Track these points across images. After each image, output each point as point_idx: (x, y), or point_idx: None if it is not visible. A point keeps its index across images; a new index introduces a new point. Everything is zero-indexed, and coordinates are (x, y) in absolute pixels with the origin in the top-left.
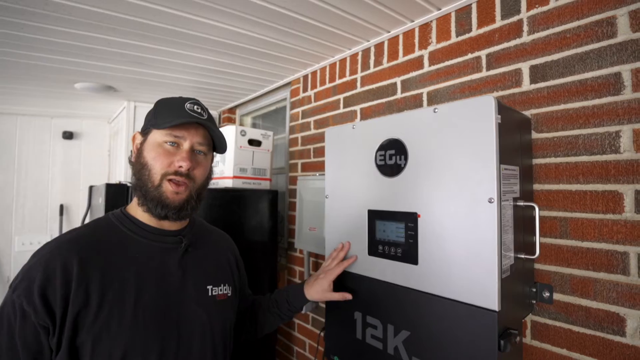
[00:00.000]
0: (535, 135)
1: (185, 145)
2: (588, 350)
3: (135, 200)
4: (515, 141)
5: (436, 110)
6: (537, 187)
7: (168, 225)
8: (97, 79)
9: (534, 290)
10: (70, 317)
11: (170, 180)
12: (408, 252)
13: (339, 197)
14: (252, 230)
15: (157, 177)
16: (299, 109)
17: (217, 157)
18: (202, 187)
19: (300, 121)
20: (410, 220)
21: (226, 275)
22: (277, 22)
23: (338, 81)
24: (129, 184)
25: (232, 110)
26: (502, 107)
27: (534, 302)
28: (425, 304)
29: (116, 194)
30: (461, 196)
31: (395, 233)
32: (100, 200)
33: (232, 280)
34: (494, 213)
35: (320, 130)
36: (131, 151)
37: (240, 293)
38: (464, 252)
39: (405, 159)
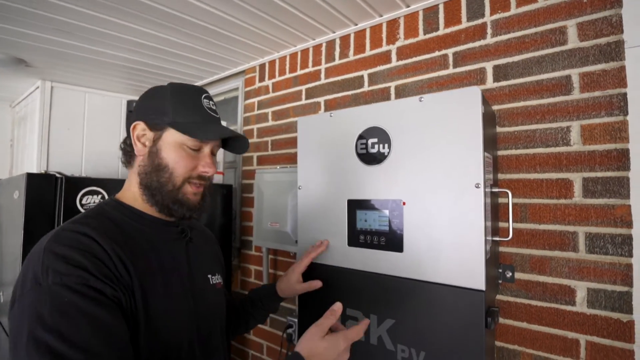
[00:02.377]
0: (498, 129)
1: (207, 149)
2: (545, 321)
3: (134, 192)
4: (490, 132)
5: (422, 99)
6: (500, 176)
7: (166, 216)
8: (3, 48)
9: (500, 271)
10: (128, 294)
11: (191, 183)
12: (392, 241)
13: (314, 188)
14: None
15: (179, 180)
16: (255, 99)
17: None
18: (212, 184)
19: (256, 112)
20: (395, 208)
21: (218, 266)
22: None
23: (300, 72)
24: (58, 175)
25: None
26: (483, 99)
27: (500, 282)
28: (411, 290)
29: (42, 187)
30: (447, 182)
31: (378, 222)
32: (15, 195)
33: (221, 271)
34: (480, 198)
35: (279, 122)
36: (128, 141)
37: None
38: (451, 236)
39: (389, 147)
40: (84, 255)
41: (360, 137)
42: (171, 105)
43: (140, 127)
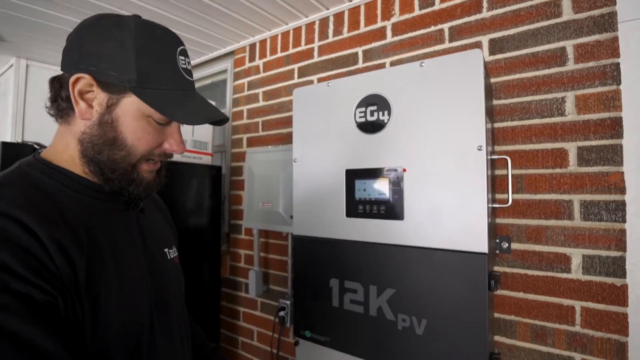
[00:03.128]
0: (495, 101)
1: (176, 124)
2: (540, 289)
3: (71, 155)
4: (488, 104)
5: (422, 64)
6: (497, 148)
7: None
8: None
9: (497, 241)
10: (71, 283)
11: (148, 160)
12: (393, 209)
13: (310, 161)
14: (191, 211)
15: (136, 158)
16: (244, 80)
17: None
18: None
19: (246, 93)
20: (395, 176)
21: (173, 238)
22: None
23: (292, 50)
24: (36, 146)
25: None
26: (484, 62)
27: (497, 252)
28: (412, 258)
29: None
30: (449, 146)
31: (377, 191)
32: None
33: (176, 242)
34: (482, 160)
35: (270, 102)
36: (63, 94)
37: None
38: (453, 201)
39: (389, 114)
40: (2, 246)
41: (359, 105)
42: (135, 59)
43: (85, 81)
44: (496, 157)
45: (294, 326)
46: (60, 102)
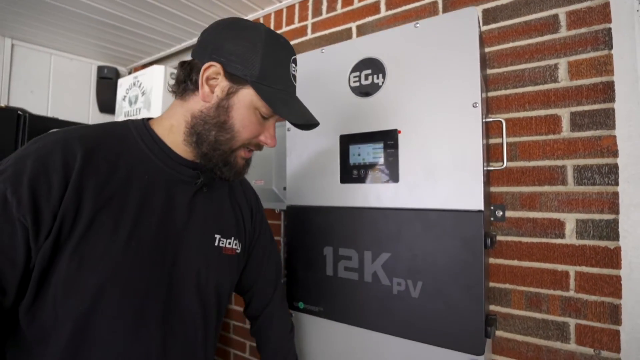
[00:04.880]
0: (488, 71)
1: (273, 120)
2: (535, 256)
3: (173, 126)
4: (483, 72)
5: (417, 25)
6: (491, 117)
7: (191, 156)
8: None
9: (492, 208)
10: (57, 225)
11: (246, 147)
12: (388, 171)
13: None
14: None
15: (237, 144)
16: None
17: (140, 101)
18: None
19: None
20: (389, 138)
21: (239, 230)
22: None
23: (285, 28)
24: (20, 112)
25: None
26: (479, 22)
27: (491, 220)
28: (407, 221)
29: (1, 122)
30: (444, 105)
31: (372, 155)
32: None
33: (243, 238)
34: (478, 117)
35: None
36: (193, 77)
37: (249, 260)
38: (448, 160)
39: (384, 76)
40: (36, 165)
41: (353, 70)
42: (261, 59)
43: (214, 69)
44: (491, 119)
45: (288, 298)
46: (189, 84)
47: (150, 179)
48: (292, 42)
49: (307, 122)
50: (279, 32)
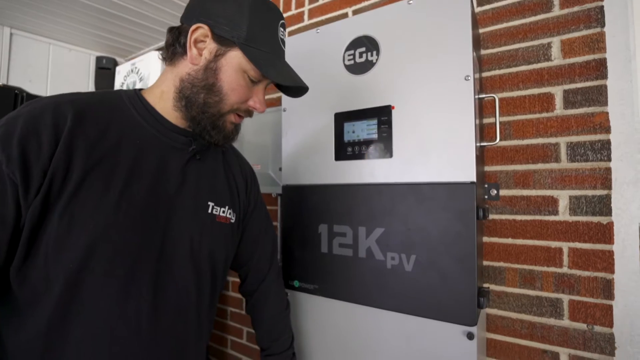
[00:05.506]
0: (482, 51)
1: (264, 84)
2: (529, 234)
3: (164, 92)
4: (477, 53)
5: (410, 2)
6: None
7: (182, 123)
8: None
9: (486, 186)
10: (47, 183)
11: (235, 112)
12: (382, 147)
13: (299, 109)
14: None
15: (226, 108)
16: None
17: (138, 87)
18: None
19: None
20: (383, 114)
21: (233, 200)
22: None
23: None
24: (17, 92)
25: None
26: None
27: (485, 198)
28: (401, 195)
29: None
30: (437, 79)
31: (366, 131)
32: None
33: (237, 208)
34: (470, 90)
35: None
36: (182, 40)
37: (244, 234)
38: (441, 133)
39: (377, 54)
40: (27, 125)
41: (348, 48)
42: (248, 21)
43: (202, 32)
44: (484, 96)
45: (283, 277)
46: (177, 47)
47: (142, 144)
48: (289, 29)
49: (295, 84)
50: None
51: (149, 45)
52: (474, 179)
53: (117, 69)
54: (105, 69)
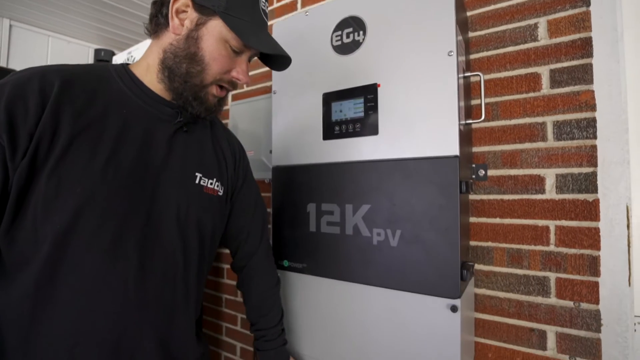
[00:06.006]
0: (470, 34)
1: (246, 55)
2: (516, 213)
3: (151, 66)
4: (464, 36)
5: None
6: (473, 79)
7: (167, 95)
8: None
9: (473, 166)
10: (33, 145)
11: (218, 84)
12: (368, 125)
13: (289, 91)
14: None
15: (208, 79)
16: None
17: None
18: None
19: None
20: (369, 92)
21: (221, 173)
22: None
23: (276, 5)
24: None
25: None
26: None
27: (473, 177)
28: (386, 171)
29: None
30: (421, 56)
31: (353, 110)
32: None
33: (225, 182)
34: (453, 65)
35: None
36: (164, 11)
37: (234, 209)
38: (426, 108)
39: (364, 33)
40: (14, 90)
41: (336, 29)
42: None
43: (183, 1)
44: (469, 74)
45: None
46: (160, 18)
47: (128, 114)
48: (282, 18)
49: (276, 52)
50: (270, 8)
51: (146, 37)
52: (457, 153)
53: (114, 58)
54: (103, 62)
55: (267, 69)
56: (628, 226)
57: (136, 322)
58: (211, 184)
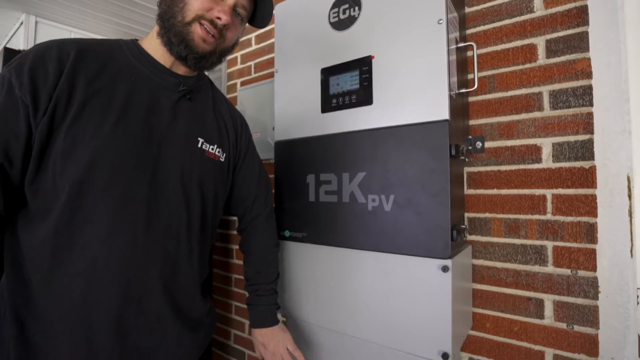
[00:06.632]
0: (467, 9)
1: (231, 0)
2: (513, 183)
3: (154, 31)
4: (460, 12)
5: None
6: (469, 54)
7: (176, 67)
8: None
9: (470, 138)
10: (52, 105)
11: (202, 24)
12: (363, 95)
13: (290, 68)
14: None
15: (190, 14)
16: None
17: None
18: (227, 50)
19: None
20: (364, 64)
21: (222, 140)
22: None
23: None
24: None
25: None
26: None
27: (469, 148)
28: (380, 139)
29: None
30: (413, 26)
31: (349, 82)
32: None
33: (227, 149)
34: (443, 32)
35: (262, 45)
36: None
37: (239, 177)
38: (417, 76)
39: (359, 8)
40: (35, 58)
41: (333, 7)
42: None
43: None
44: (462, 44)
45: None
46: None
47: (136, 82)
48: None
49: None
50: None
51: None
52: (447, 117)
53: None
54: None
55: (272, 55)
56: (630, 196)
57: (144, 267)
58: (212, 149)
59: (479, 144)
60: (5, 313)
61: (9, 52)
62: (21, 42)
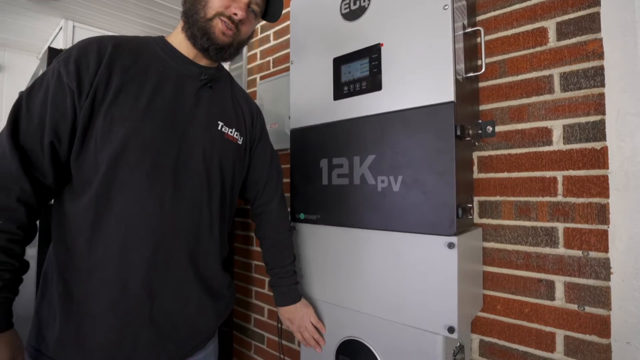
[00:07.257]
0: None
1: None
2: (524, 166)
3: (178, 27)
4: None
5: None
6: (479, 40)
7: (198, 59)
8: None
9: (480, 122)
10: (93, 90)
11: (222, 20)
12: (373, 82)
13: (304, 60)
14: None
15: (211, 12)
16: (257, 26)
17: None
18: (243, 42)
19: (259, 36)
20: (374, 52)
21: (239, 125)
22: None
23: None
24: None
25: None
26: None
27: (479, 133)
28: (389, 123)
29: None
30: (419, 12)
31: (360, 70)
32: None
33: (244, 133)
34: (448, 17)
35: (280, 40)
36: None
37: (253, 160)
38: (424, 60)
39: None
40: (79, 51)
41: None
42: None
43: None
44: (470, 30)
45: (291, 211)
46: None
47: (164, 72)
48: None
49: None
50: None
51: None
52: (453, 99)
53: None
54: None
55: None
56: None
57: (171, 235)
58: (231, 132)
59: (489, 128)
60: (53, 274)
61: (53, 52)
62: (61, 44)
